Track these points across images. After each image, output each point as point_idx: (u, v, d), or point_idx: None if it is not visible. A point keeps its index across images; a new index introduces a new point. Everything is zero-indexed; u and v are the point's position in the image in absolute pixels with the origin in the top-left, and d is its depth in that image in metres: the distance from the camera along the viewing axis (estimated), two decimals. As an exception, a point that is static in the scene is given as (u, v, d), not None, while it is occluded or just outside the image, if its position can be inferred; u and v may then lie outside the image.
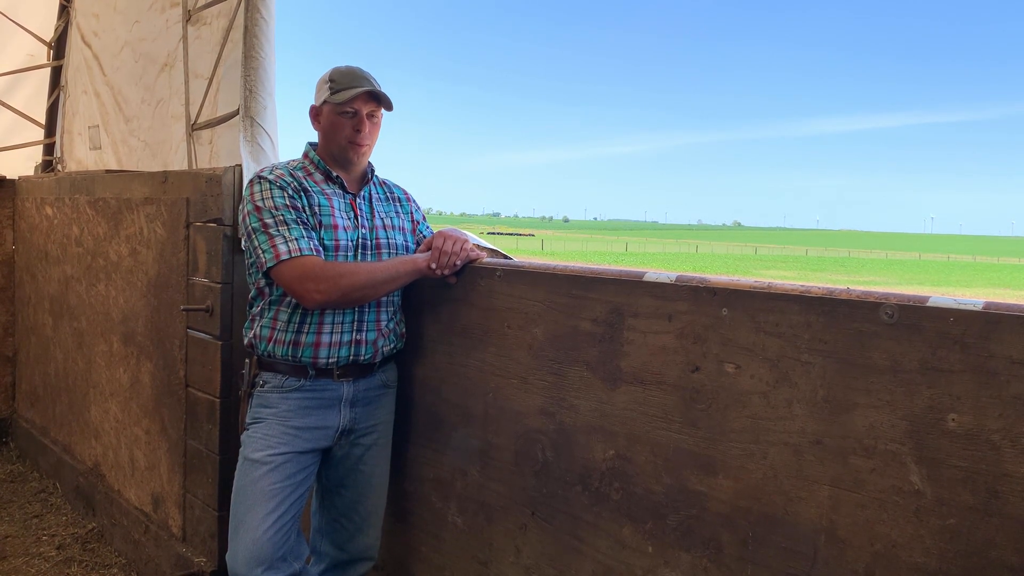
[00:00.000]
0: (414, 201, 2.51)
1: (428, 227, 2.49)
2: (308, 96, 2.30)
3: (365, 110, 2.21)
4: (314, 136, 2.33)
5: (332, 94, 2.18)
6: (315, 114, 2.27)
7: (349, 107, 2.18)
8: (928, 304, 1.40)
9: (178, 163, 3.58)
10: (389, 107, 2.26)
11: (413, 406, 2.44)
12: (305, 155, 2.31)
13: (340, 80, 2.19)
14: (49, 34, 5.00)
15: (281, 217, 2.11)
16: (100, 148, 4.42)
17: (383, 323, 2.29)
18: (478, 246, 2.33)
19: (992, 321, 1.32)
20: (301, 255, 2.07)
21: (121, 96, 4.16)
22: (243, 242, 2.22)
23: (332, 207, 2.21)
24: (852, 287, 1.56)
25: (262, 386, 2.23)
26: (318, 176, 2.26)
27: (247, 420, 2.25)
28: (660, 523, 1.77)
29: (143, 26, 3.91)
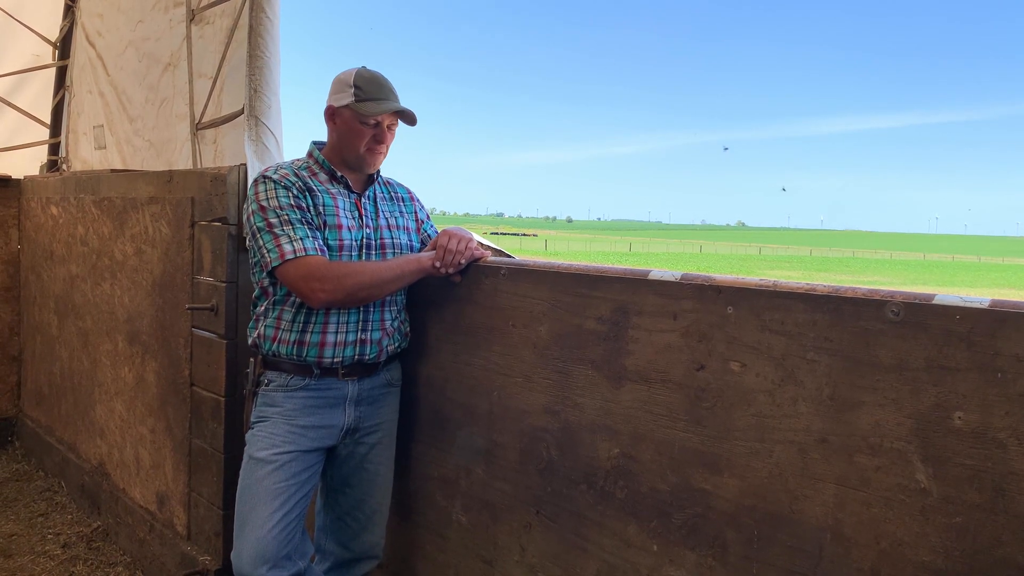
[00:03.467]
0: (418, 200, 2.51)
1: (432, 226, 2.49)
2: (312, 96, 2.30)
3: (387, 122, 2.21)
4: (319, 135, 2.33)
5: (357, 102, 2.16)
6: (331, 115, 2.24)
7: (374, 118, 2.18)
8: (934, 302, 1.39)
9: (183, 163, 3.58)
10: (412, 123, 2.26)
11: (418, 405, 2.44)
12: (310, 155, 2.30)
13: (367, 89, 2.17)
14: (54, 34, 5.02)
15: (286, 216, 2.10)
16: (105, 148, 4.43)
17: (388, 322, 2.29)
18: (482, 245, 2.33)
19: (998, 319, 1.32)
20: (306, 255, 2.07)
21: (125, 96, 4.17)
22: (247, 241, 2.22)
23: (337, 207, 2.21)
24: (857, 285, 1.55)
25: (267, 385, 2.23)
26: (323, 176, 2.25)
27: (252, 419, 2.25)
28: (665, 522, 1.77)
29: (147, 26, 3.92)
